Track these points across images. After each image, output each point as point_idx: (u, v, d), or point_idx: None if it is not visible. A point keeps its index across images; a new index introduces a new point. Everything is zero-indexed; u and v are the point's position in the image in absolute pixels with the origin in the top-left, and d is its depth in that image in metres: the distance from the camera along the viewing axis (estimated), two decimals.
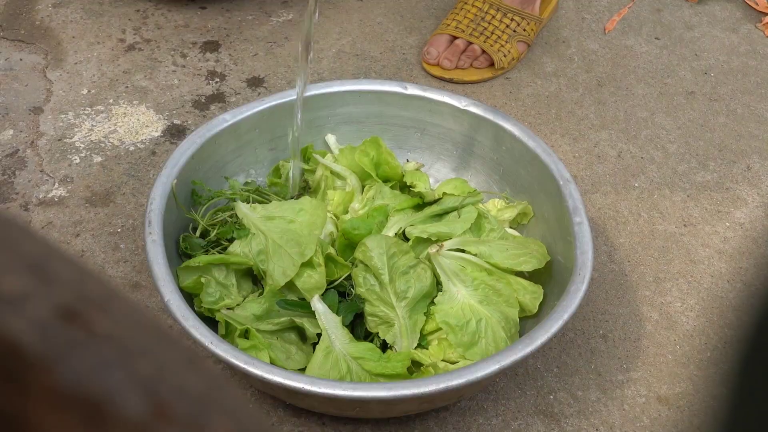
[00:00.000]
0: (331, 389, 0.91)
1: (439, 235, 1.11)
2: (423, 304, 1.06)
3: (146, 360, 0.24)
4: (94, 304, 0.25)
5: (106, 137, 1.37)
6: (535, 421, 1.07)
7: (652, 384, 1.11)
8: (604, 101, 1.49)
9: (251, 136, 1.20)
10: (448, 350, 1.04)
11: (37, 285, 0.24)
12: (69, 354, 0.23)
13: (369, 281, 1.07)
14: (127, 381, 0.23)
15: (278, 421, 1.06)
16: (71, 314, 0.24)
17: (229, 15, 1.60)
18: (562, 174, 1.13)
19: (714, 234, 1.30)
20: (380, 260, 1.06)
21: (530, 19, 1.54)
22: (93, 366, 0.23)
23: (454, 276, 1.08)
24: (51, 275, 0.25)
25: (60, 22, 1.56)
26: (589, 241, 1.05)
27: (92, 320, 0.24)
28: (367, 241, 1.07)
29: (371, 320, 1.06)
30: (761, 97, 1.52)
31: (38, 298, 0.24)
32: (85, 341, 0.23)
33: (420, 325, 1.05)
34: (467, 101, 1.23)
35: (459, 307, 1.05)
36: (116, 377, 0.23)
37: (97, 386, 0.22)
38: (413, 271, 1.07)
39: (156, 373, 0.24)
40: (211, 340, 0.93)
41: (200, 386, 0.25)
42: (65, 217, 1.25)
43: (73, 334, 0.23)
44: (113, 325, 0.25)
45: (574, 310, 0.98)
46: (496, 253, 1.09)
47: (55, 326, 0.23)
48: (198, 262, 1.06)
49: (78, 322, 0.24)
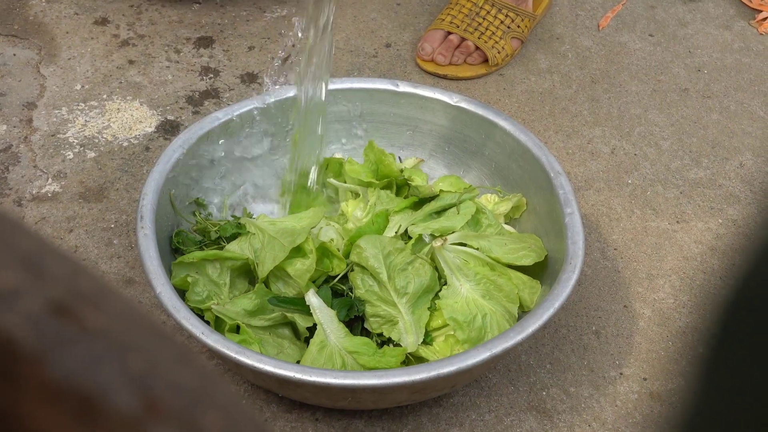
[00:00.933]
0: (323, 377, 0.91)
1: (441, 230, 1.11)
2: (425, 299, 1.06)
3: (138, 355, 0.24)
4: (86, 299, 0.25)
5: (99, 133, 1.36)
6: (527, 417, 1.07)
7: (644, 380, 1.12)
8: (598, 98, 1.49)
9: (245, 132, 1.20)
10: (456, 346, 1.04)
11: (29, 280, 0.24)
12: (61, 349, 0.23)
13: (367, 282, 1.06)
14: (119, 376, 0.23)
15: (272, 416, 1.06)
16: (63, 309, 0.24)
17: (223, 11, 1.60)
18: (553, 166, 1.13)
19: (707, 231, 1.30)
20: (376, 260, 1.06)
21: (524, 16, 1.54)
22: (85, 361, 0.23)
23: (458, 270, 1.07)
24: (43, 270, 0.25)
25: (54, 18, 1.55)
26: (580, 231, 1.06)
27: (84, 315, 0.24)
28: (360, 243, 1.07)
29: (374, 321, 1.06)
30: (754, 94, 1.53)
31: (31, 293, 0.24)
32: (77, 336, 0.23)
33: (424, 321, 1.05)
34: (458, 97, 1.23)
35: (464, 302, 1.05)
36: (108, 372, 0.23)
37: (89, 381, 0.22)
38: (411, 267, 1.06)
39: (148, 368, 0.24)
40: (202, 330, 0.94)
41: (193, 381, 0.25)
42: (58, 213, 1.25)
43: (66, 329, 0.23)
44: (106, 320, 0.25)
45: (565, 299, 0.98)
46: (495, 247, 1.09)
47: (48, 321, 0.23)
48: (192, 258, 1.06)
49: (70, 317, 0.24)
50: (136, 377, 0.23)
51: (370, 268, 1.06)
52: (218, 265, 1.07)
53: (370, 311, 1.06)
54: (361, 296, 1.06)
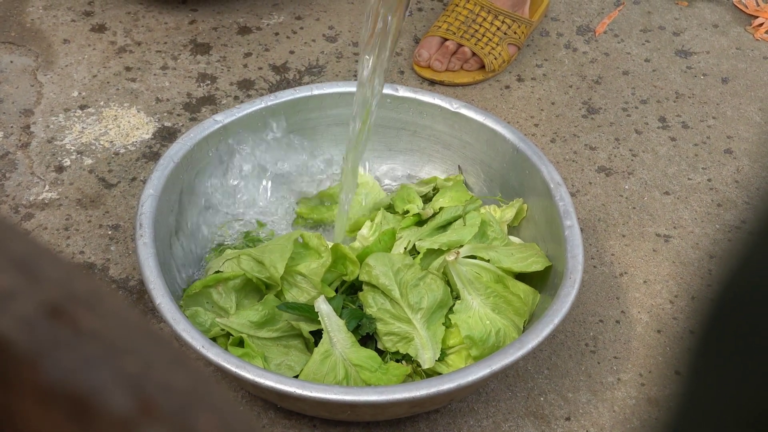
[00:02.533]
0: (323, 393, 0.91)
1: (449, 244, 1.10)
2: (440, 314, 1.04)
3: (133, 357, 0.24)
4: (81, 302, 0.25)
5: (96, 139, 1.36)
6: (525, 423, 1.07)
7: (642, 386, 1.12)
8: (594, 104, 1.50)
9: (241, 138, 1.20)
10: (469, 360, 1.03)
11: (23, 282, 0.24)
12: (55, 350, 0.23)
13: (379, 300, 1.04)
14: (113, 377, 0.23)
15: (269, 423, 1.06)
16: (58, 312, 0.24)
17: (220, 17, 1.60)
18: (553, 177, 1.13)
19: (704, 236, 1.30)
20: (386, 277, 1.04)
21: (521, 22, 1.55)
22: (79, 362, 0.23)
23: (469, 284, 1.06)
24: (38, 273, 0.25)
25: (51, 25, 1.56)
26: (579, 244, 1.05)
27: (79, 318, 0.24)
28: (369, 261, 1.05)
29: (387, 339, 1.04)
30: (750, 99, 1.53)
31: (25, 295, 0.24)
32: (71, 338, 0.23)
33: (440, 336, 1.03)
34: (458, 104, 1.23)
35: (478, 317, 1.04)
36: (102, 374, 0.23)
37: (83, 382, 0.22)
38: (423, 282, 1.05)
39: (142, 370, 0.24)
40: (202, 344, 0.93)
41: (186, 384, 0.25)
42: (56, 220, 1.25)
43: (60, 331, 0.23)
44: (100, 322, 0.25)
45: (564, 314, 0.98)
46: (504, 258, 1.08)
47: (42, 323, 0.23)
48: (195, 289, 1.05)
49: (64, 319, 0.24)
50: (130, 379, 0.23)
51: (381, 286, 1.04)
52: (221, 289, 1.06)
53: (384, 329, 1.04)
54: (374, 314, 1.04)
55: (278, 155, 1.23)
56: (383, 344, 1.04)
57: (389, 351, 1.04)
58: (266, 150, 1.22)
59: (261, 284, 1.06)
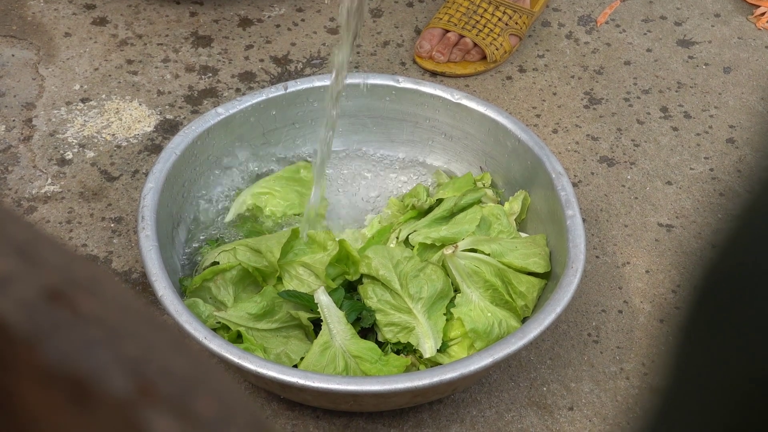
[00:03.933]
0: (325, 383, 0.91)
1: (443, 240, 1.09)
2: (440, 304, 1.04)
3: (132, 341, 0.25)
4: (80, 286, 0.25)
5: (98, 132, 1.37)
6: (528, 412, 1.08)
7: (645, 375, 1.12)
8: (596, 94, 1.50)
9: (244, 130, 1.20)
10: (472, 350, 1.03)
11: (23, 267, 0.24)
12: (55, 333, 0.23)
13: (379, 292, 1.04)
14: (113, 360, 0.23)
15: (272, 414, 1.06)
16: (57, 295, 0.24)
17: (222, 10, 1.60)
18: (555, 167, 1.13)
19: (706, 226, 1.30)
20: (386, 270, 1.04)
21: (522, 13, 1.54)
22: (79, 345, 0.23)
23: (468, 278, 1.06)
24: (37, 258, 0.25)
25: (52, 18, 1.56)
26: (581, 234, 1.05)
27: (78, 301, 0.24)
28: (368, 253, 1.05)
29: (388, 330, 1.03)
30: (753, 89, 1.53)
31: (24, 279, 0.24)
32: (71, 321, 0.24)
33: (441, 326, 1.03)
34: (460, 94, 1.23)
35: (479, 310, 1.04)
36: (102, 357, 0.23)
37: (82, 365, 0.23)
38: (423, 273, 1.04)
39: (142, 353, 0.24)
40: (204, 335, 0.93)
41: (187, 367, 0.25)
42: (58, 213, 1.25)
43: (59, 314, 0.24)
44: (100, 306, 0.25)
45: (566, 304, 0.99)
46: (507, 252, 1.08)
47: (41, 307, 0.23)
48: (194, 284, 1.05)
49: (64, 302, 0.24)
50: (130, 362, 0.23)
51: (381, 278, 1.04)
52: (219, 282, 1.06)
53: (384, 320, 1.03)
54: (373, 306, 1.04)
55: (280, 148, 1.23)
56: (384, 335, 1.04)
57: (390, 342, 1.03)
58: (267, 143, 1.22)
59: (258, 275, 1.06)
